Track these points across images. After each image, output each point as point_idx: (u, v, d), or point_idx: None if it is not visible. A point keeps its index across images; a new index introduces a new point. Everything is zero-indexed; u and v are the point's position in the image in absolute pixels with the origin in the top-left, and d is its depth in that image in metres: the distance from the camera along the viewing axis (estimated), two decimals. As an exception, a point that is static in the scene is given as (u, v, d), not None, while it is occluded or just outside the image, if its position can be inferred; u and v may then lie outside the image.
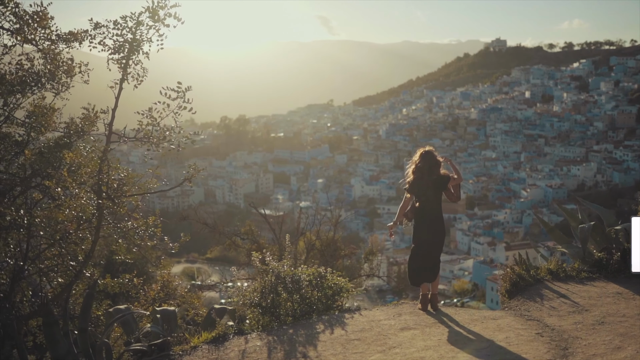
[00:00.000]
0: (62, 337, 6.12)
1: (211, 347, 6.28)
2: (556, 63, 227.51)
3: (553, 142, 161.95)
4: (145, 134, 7.27)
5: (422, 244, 7.02)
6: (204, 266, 73.09)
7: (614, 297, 6.85)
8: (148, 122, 7.19)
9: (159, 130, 7.21)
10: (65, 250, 7.05)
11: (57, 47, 7.93)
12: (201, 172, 7.75)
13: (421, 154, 7.14)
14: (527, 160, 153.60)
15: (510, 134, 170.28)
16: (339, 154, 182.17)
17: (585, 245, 8.24)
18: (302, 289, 7.36)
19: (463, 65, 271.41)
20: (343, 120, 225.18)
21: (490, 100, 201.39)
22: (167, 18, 6.86)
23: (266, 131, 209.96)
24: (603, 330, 5.83)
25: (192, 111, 7.20)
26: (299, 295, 7.34)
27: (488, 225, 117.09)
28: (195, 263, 79.27)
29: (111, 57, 7.08)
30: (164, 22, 6.87)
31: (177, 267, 65.68)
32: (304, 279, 7.47)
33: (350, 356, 5.64)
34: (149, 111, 7.20)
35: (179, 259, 78.32)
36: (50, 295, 7.48)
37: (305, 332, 6.42)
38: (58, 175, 7.14)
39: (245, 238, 17.31)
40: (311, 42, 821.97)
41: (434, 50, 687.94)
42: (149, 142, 7.22)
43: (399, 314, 6.83)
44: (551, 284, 7.56)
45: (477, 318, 6.53)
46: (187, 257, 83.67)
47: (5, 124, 8.19)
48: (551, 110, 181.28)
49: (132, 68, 7.10)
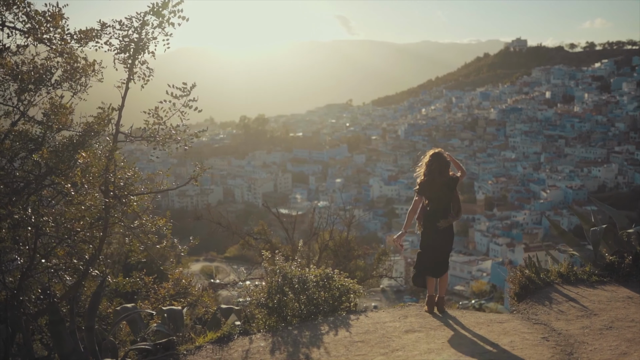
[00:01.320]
0: (68, 336, 6.16)
1: (215, 347, 6.28)
2: (577, 63, 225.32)
3: (573, 143, 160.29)
4: (152, 133, 7.29)
5: (431, 247, 6.94)
6: (222, 265, 73.44)
7: (624, 302, 6.75)
8: (154, 121, 7.21)
9: (164, 129, 7.22)
10: (72, 249, 7.10)
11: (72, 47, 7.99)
12: (207, 170, 7.73)
13: (431, 155, 7.06)
14: (547, 161, 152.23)
15: (530, 135, 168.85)
16: (358, 154, 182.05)
17: (597, 248, 8.12)
18: (308, 290, 7.35)
19: (483, 65, 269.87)
20: (362, 120, 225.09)
21: (510, 100, 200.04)
22: (172, 17, 6.86)
23: (285, 131, 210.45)
24: (610, 335, 5.74)
25: (198, 110, 7.19)
26: (305, 295, 7.33)
27: (507, 226, 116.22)
28: (214, 261, 79.64)
29: (117, 57, 7.11)
30: (168, 21, 6.87)
31: (196, 266, 66.13)
32: (311, 280, 7.46)
33: (353, 358, 5.61)
34: (155, 110, 7.22)
35: (197, 257, 78.86)
36: (59, 294, 7.53)
37: (309, 333, 6.40)
38: (71, 173, 7.18)
39: (258, 237, 17.34)
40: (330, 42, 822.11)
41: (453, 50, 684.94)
42: (155, 141, 7.24)
43: (405, 316, 6.78)
44: (561, 287, 7.46)
45: (483, 321, 6.46)
46: (206, 256, 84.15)
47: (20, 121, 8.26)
48: (572, 110, 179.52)
49: (139, 68, 7.12)
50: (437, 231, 6.86)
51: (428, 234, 6.93)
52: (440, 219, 6.86)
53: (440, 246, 6.91)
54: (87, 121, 8.15)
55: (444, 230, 6.86)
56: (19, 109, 8.20)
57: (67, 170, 7.21)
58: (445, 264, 7.04)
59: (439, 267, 6.97)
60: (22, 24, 8.04)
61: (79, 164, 7.14)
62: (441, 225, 6.80)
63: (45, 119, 8.14)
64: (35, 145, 7.97)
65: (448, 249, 7.00)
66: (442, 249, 6.93)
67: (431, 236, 6.90)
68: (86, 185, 6.96)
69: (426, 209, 6.98)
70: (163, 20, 7.01)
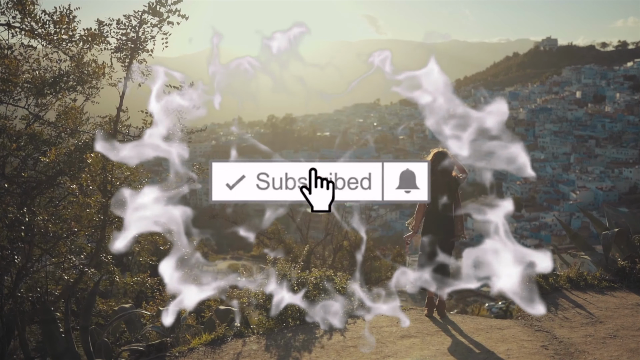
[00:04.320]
0: (61, 335, 6.12)
1: (208, 349, 6.19)
2: (609, 62, 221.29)
3: (604, 144, 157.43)
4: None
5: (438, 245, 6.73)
6: (248, 263, 73.64)
7: (632, 309, 6.49)
8: (151, 121, 7.15)
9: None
10: (70, 248, 7.07)
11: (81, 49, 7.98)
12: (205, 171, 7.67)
13: (435, 154, 6.88)
14: (577, 161, 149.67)
15: (559, 135, 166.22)
16: (385, 154, 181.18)
17: (608, 252, 7.86)
18: (307, 292, 7.22)
19: (512, 65, 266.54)
20: (389, 119, 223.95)
21: (540, 100, 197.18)
22: (170, 16, 6.79)
23: (312, 130, 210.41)
24: (613, 344, 5.50)
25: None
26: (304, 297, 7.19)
27: (535, 227, 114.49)
28: (241, 260, 79.90)
29: (115, 56, 7.07)
30: (167, 20, 6.80)
31: (223, 264, 66.47)
32: (311, 282, 7.33)
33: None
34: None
35: (224, 255, 79.24)
36: (58, 293, 7.52)
37: (303, 336, 6.27)
38: (80, 174, 7.17)
39: (272, 237, 17.23)
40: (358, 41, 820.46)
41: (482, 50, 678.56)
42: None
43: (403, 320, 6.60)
44: (569, 292, 7.22)
45: (483, 327, 6.26)
46: (233, 255, 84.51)
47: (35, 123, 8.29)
48: (603, 110, 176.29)
49: (137, 67, 7.07)
50: (438, 229, 6.66)
51: (429, 232, 6.70)
52: (441, 218, 6.67)
53: (442, 245, 6.69)
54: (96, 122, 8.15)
55: (445, 227, 6.65)
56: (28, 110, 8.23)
57: (77, 172, 7.20)
58: (447, 271, 6.82)
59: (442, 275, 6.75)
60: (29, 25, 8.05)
61: (87, 163, 7.13)
62: (452, 240, 6.66)
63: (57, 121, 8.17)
64: (48, 147, 8.00)
65: (449, 253, 6.78)
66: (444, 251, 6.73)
67: (432, 234, 6.67)
68: (91, 187, 6.95)
69: (426, 207, 6.79)
70: (162, 19, 6.95)
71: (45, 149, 7.99)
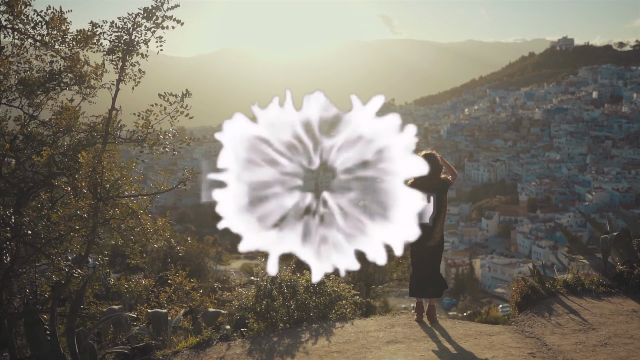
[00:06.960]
0: (45, 337, 6.08)
1: (192, 353, 6.13)
2: (626, 62, 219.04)
3: (621, 144, 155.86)
4: (141, 136, 7.17)
5: (420, 254, 6.62)
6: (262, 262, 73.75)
7: (627, 316, 6.33)
8: (143, 124, 7.10)
9: (152, 132, 7.11)
10: (59, 250, 7.04)
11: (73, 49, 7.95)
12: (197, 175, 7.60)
13: (424, 156, 6.75)
14: (592, 162, 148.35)
15: (575, 136, 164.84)
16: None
17: (606, 257, 7.70)
18: (298, 295, 7.14)
19: (528, 65, 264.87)
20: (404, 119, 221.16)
21: (556, 100, 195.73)
22: (165, 20, 6.74)
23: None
24: (603, 352, 5.35)
25: (189, 116, 7.06)
26: (295, 301, 7.11)
27: (550, 228, 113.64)
28: (254, 259, 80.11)
29: (107, 58, 7.03)
30: (161, 24, 6.74)
31: (237, 263, 66.71)
32: (301, 285, 7.25)
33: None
34: (146, 113, 7.12)
35: (238, 254, 79.62)
36: (48, 294, 7.48)
37: (289, 341, 6.18)
38: (75, 176, 7.14)
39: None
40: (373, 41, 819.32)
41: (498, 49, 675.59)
42: (141, 144, 7.12)
43: (392, 325, 6.49)
44: (565, 298, 7.07)
45: (472, 333, 6.13)
46: (247, 254, 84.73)
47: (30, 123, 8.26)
48: (620, 111, 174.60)
49: (130, 69, 7.02)
50: (425, 234, 6.54)
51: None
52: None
53: (430, 250, 6.58)
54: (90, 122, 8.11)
55: (425, 234, 6.52)
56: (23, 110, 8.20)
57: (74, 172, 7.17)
58: (440, 280, 6.69)
59: (435, 285, 6.62)
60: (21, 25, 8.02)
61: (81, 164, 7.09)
62: (430, 244, 6.51)
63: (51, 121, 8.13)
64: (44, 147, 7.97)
65: (438, 258, 6.67)
66: (433, 256, 6.61)
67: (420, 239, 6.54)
68: (85, 190, 6.91)
69: None
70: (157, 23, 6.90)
71: (41, 149, 7.97)
